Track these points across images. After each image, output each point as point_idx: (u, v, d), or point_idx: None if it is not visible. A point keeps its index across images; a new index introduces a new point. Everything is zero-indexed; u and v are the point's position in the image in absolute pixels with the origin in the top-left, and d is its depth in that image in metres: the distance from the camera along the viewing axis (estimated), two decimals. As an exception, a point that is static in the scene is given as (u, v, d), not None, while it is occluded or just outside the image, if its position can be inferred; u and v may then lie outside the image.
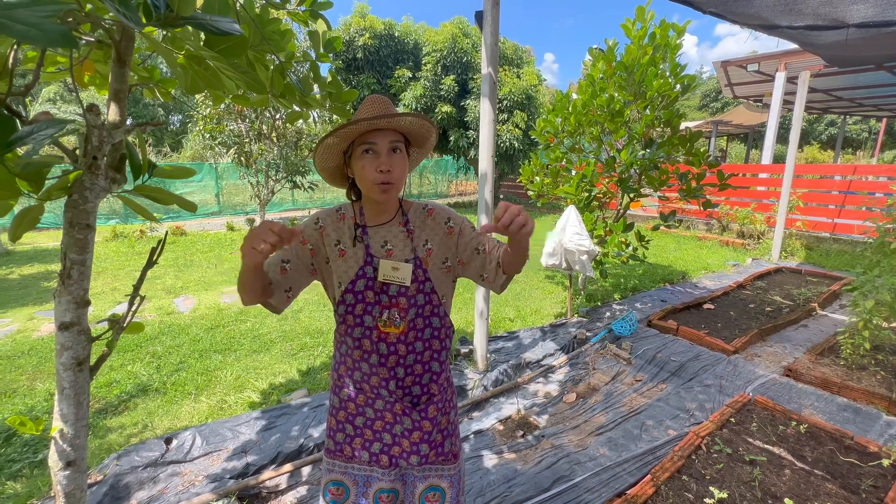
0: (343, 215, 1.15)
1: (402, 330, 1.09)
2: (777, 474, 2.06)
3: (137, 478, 2.04)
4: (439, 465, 1.17)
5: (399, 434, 1.14)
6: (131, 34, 1.14)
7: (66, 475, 1.17)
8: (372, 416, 1.14)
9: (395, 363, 1.10)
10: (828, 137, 27.71)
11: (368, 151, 1.00)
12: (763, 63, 8.56)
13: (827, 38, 2.97)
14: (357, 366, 1.12)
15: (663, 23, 3.79)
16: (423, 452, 1.14)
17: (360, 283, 1.07)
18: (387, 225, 1.13)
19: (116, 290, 5.08)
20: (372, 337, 1.08)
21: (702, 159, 3.94)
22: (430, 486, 1.17)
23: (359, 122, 0.96)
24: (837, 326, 3.95)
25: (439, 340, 1.16)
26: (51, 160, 0.99)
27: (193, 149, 17.71)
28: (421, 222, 1.15)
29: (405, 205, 1.17)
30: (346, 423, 1.17)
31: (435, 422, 1.15)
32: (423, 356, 1.13)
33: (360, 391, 1.15)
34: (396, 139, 1.02)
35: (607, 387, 2.99)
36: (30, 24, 0.57)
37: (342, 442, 1.17)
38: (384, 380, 1.11)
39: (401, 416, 1.13)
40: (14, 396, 2.77)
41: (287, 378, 3.05)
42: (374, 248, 1.10)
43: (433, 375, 1.16)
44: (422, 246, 1.12)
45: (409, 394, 1.14)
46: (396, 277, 1.06)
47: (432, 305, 1.12)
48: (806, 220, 7.68)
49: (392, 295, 1.08)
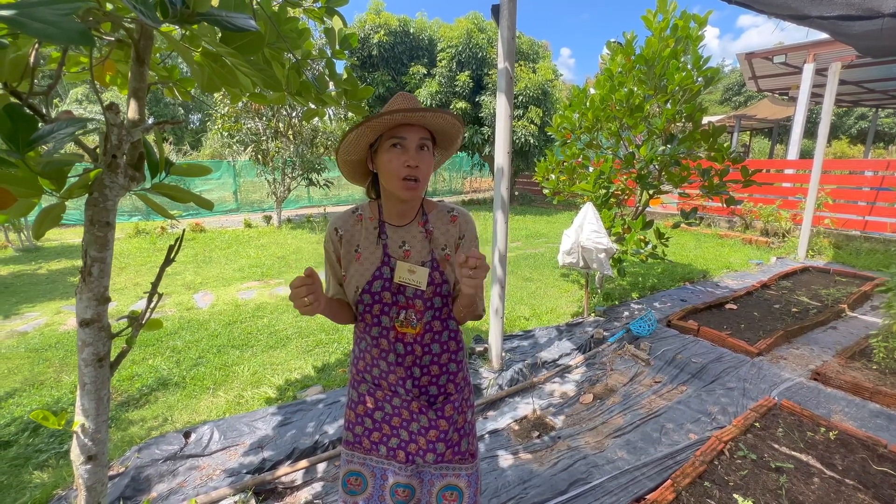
0: (360, 216, 1.13)
1: (419, 331, 1.08)
2: (805, 482, 1.98)
3: (157, 470, 2.08)
4: (456, 464, 1.17)
5: (415, 432, 1.14)
6: (150, 33, 1.14)
7: (88, 469, 1.19)
8: (390, 411, 1.15)
9: (411, 363, 1.11)
10: (858, 131, 26.66)
11: (397, 146, 0.99)
12: (790, 54, 8.26)
13: (860, 27, 2.83)
14: (375, 363, 1.13)
15: (685, 14, 3.68)
16: (440, 451, 1.14)
17: (376, 283, 1.07)
18: (406, 225, 1.11)
19: (139, 286, 5.21)
20: (389, 337, 1.08)
21: (725, 155, 3.82)
22: (448, 484, 1.17)
23: (395, 113, 0.93)
24: (869, 329, 3.79)
25: (456, 342, 1.15)
26: (71, 158, 1.00)
27: (212, 147, 18.06)
28: (442, 225, 1.13)
29: (426, 205, 1.15)
30: (364, 416, 1.17)
31: (451, 421, 1.15)
32: (441, 357, 1.13)
33: (379, 387, 1.15)
34: (425, 136, 1.01)
35: (625, 388, 2.93)
36: (48, 21, 0.57)
37: (361, 435, 1.18)
38: (401, 378, 1.11)
39: (417, 414, 1.13)
40: (41, 388, 2.86)
41: (302, 374, 3.08)
42: (392, 249, 1.09)
43: (450, 375, 1.16)
44: (440, 249, 1.11)
45: (425, 393, 1.14)
46: (412, 280, 1.05)
47: (449, 308, 1.11)
48: (835, 217, 7.40)
49: (409, 296, 1.07)
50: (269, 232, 9.14)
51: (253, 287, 5.21)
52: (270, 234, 8.93)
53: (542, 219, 11.10)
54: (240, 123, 9.08)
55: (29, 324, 4.02)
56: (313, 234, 8.90)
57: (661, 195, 4.43)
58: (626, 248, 4.04)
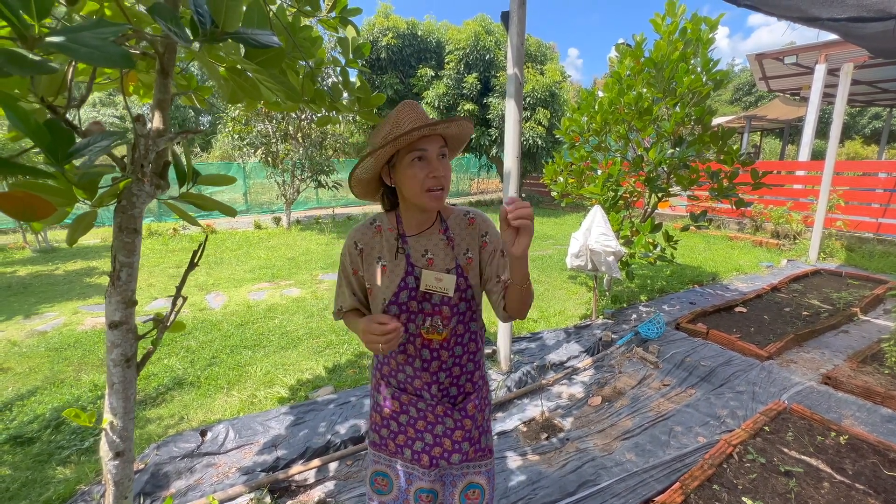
0: (379, 227, 1.14)
1: (445, 337, 1.10)
2: (815, 487, 1.98)
3: (175, 467, 2.13)
4: (477, 461, 1.20)
5: (441, 434, 1.16)
6: (174, 47, 1.19)
7: (116, 465, 1.24)
8: (415, 415, 1.17)
9: (437, 368, 1.13)
10: (872, 131, 26.22)
11: (419, 159, 0.99)
12: (801, 55, 8.19)
13: (871, 28, 2.82)
14: (401, 368, 1.15)
15: (695, 17, 3.68)
16: (465, 450, 1.16)
17: (403, 294, 1.08)
18: (426, 233, 1.12)
19: (152, 287, 5.31)
20: (416, 343, 1.10)
21: (734, 157, 3.81)
22: (470, 483, 1.20)
23: (418, 129, 0.94)
24: (881, 333, 3.76)
25: (476, 343, 1.18)
26: (105, 170, 1.05)
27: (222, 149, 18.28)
28: (462, 230, 1.14)
29: (444, 211, 1.16)
30: (389, 419, 1.19)
31: (474, 419, 1.17)
32: (462, 359, 1.15)
33: (404, 391, 1.17)
34: (443, 145, 1.03)
35: (634, 391, 2.94)
36: (94, 46, 0.61)
37: (386, 437, 1.20)
38: (427, 384, 1.14)
39: (442, 416, 1.15)
40: (62, 386, 2.94)
41: (314, 375, 3.13)
42: (415, 258, 1.10)
43: (468, 375, 1.18)
44: (462, 254, 1.12)
45: (447, 395, 1.17)
46: (440, 288, 1.06)
47: (472, 311, 1.13)
48: (847, 219, 7.31)
49: (435, 303, 1.08)
50: (279, 233, 9.25)
51: (264, 288, 5.29)
52: (280, 235, 9.03)
53: (549, 221, 11.09)
54: (250, 126, 9.21)
55: (48, 323, 4.13)
56: (322, 235, 8.99)
57: (669, 198, 4.42)
58: (634, 251, 4.04)
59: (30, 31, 0.66)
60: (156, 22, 0.88)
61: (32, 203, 0.80)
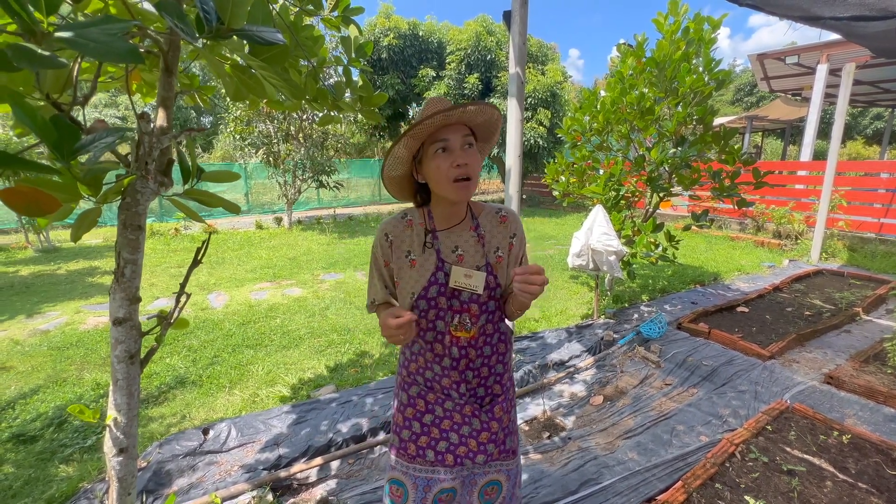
0: (410, 221, 1.13)
1: (473, 335, 1.09)
2: (818, 486, 1.98)
3: (178, 465, 2.14)
4: (500, 461, 1.19)
5: (467, 435, 1.14)
6: (178, 44, 1.20)
7: (119, 461, 1.25)
8: (441, 414, 1.15)
9: (465, 367, 1.11)
10: (874, 132, 26.17)
11: (442, 150, 0.98)
12: (803, 55, 8.18)
13: (874, 28, 2.81)
14: (429, 366, 1.13)
15: (698, 16, 3.68)
16: (490, 451, 1.14)
17: (432, 289, 1.06)
18: (457, 229, 1.10)
19: (154, 286, 5.32)
20: (444, 341, 1.09)
21: (736, 157, 3.81)
22: (490, 480, 1.19)
23: (433, 116, 0.92)
24: (884, 332, 3.75)
25: (505, 343, 1.16)
26: (109, 166, 1.05)
27: (223, 149, 18.31)
28: (493, 227, 1.13)
29: (475, 208, 1.14)
30: (413, 420, 1.17)
31: (501, 421, 1.16)
32: (491, 360, 1.14)
33: (431, 389, 1.16)
34: (467, 134, 0.99)
35: (635, 390, 2.94)
36: (101, 42, 0.62)
37: (407, 440, 1.17)
38: (455, 382, 1.12)
39: (470, 417, 1.13)
40: (64, 385, 2.94)
41: (315, 374, 3.13)
42: (445, 253, 1.09)
43: (497, 377, 1.17)
44: (493, 252, 1.11)
45: (474, 395, 1.15)
46: (469, 285, 1.04)
47: (501, 311, 1.12)
48: (849, 219, 7.29)
49: (464, 301, 1.07)
50: (280, 233, 9.26)
51: (265, 288, 5.30)
52: (281, 235, 9.04)
53: (550, 221, 11.09)
54: (251, 126, 9.23)
55: (50, 322, 4.14)
56: (323, 235, 9.00)
57: (671, 197, 4.42)
58: (636, 251, 4.04)
59: (38, 27, 0.67)
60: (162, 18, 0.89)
61: (37, 198, 0.81)
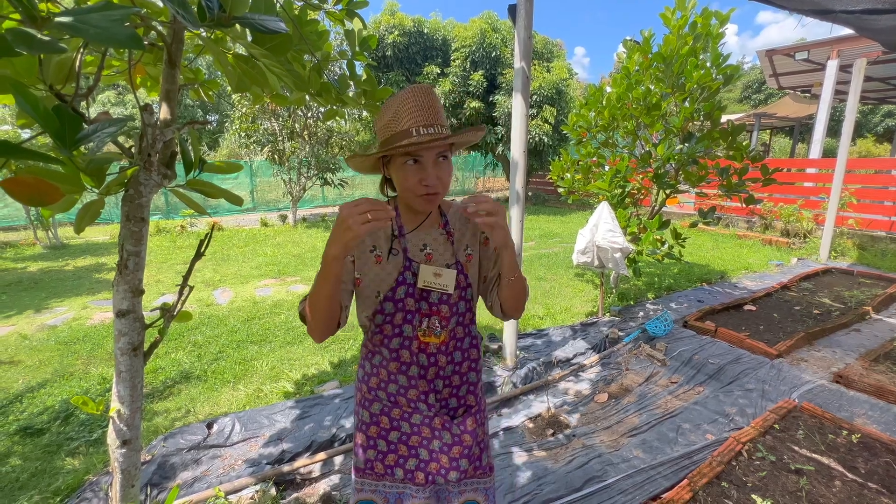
0: None
1: (443, 339, 1.03)
2: (826, 485, 1.95)
3: (182, 459, 2.15)
4: (476, 479, 1.11)
5: (437, 450, 1.06)
6: (181, 37, 1.19)
7: (123, 453, 1.25)
8: (408, 430, 1.06)
9: (434, 375, 1.05)
10: (885, 129, 25.82)
11: (414, 161, 0.90)
12: (813, 51, 8.07)
13: (886, 21, 2.76)
14: (393, 378, 1.05)
15: (705, 11, 3.63)
16: (463, 468, 1.05)
17: (400, 290, 0.99)
18: (425, 227, 1.04)
19: (160, 283, 5.35)
20: (412, 348, 1.02)
21: (744, 153, 3.76)
22: (466, 500, 1.11)
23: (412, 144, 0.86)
24: (894, 331, 3.69)
25: (477, 349, 1.10)
26: (111, 157, 1.05)
27: (229, 147, 18.41)
28: (462, 225, 1.08)
29: (444, 205, 1.09)
30: (378, 438, 1.08)
31: (474, 434, 1.08)
32: (462, 367, 1.08)
33: (395, 405, 1.07)
34: (444, 149, 0.92)
35: (641, 388, 2.91)
36: (101, 27, 0.61)
37: (373, 459, 1.08)
38: (423, 393, 1.05)
39: (440, 430, 1.06)
40: (71, 379, 2.97)
41: (319, 369, 3.14)
42: (413, 252, 1.02)
43: (470, 386, 1.11)
44: (462, 251, 1.06)
45: (445, 406, 1.09)
46: (438, 284, 0.99)
47: (471, 313, 1.07)
48: (859, 217, 7.19)
49: (433, 302, 1.00)
50: (285, 230, 9.29)
51: (270, 284, 5.32)
52: (286, 232, 9.07)
53: (555, 218, 11.04)
54: (257, 124, 9.25)
55: (58, 318, 4.18)
56: (328, 232, 9.00)
57: (678, 194, 4.38)
58: (641, 248, 4.01)
59: (38, 12, 0.66)
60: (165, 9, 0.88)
61: (40, 188, 0.80)
